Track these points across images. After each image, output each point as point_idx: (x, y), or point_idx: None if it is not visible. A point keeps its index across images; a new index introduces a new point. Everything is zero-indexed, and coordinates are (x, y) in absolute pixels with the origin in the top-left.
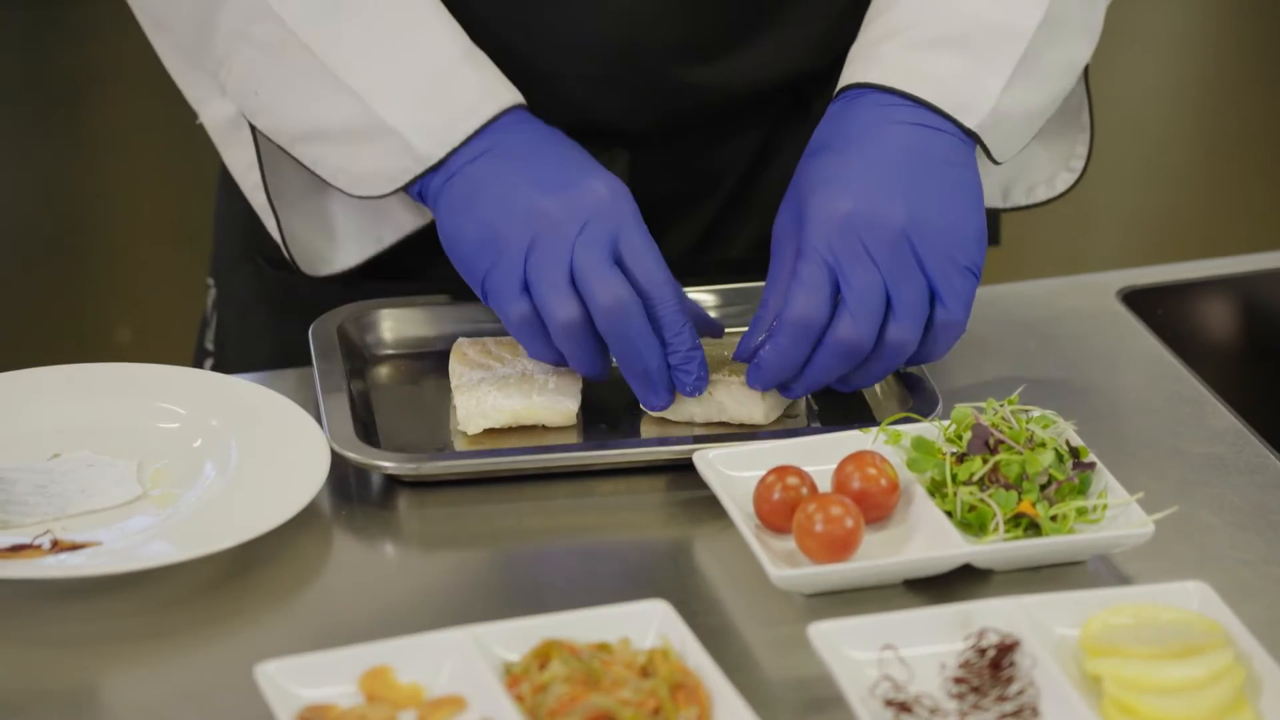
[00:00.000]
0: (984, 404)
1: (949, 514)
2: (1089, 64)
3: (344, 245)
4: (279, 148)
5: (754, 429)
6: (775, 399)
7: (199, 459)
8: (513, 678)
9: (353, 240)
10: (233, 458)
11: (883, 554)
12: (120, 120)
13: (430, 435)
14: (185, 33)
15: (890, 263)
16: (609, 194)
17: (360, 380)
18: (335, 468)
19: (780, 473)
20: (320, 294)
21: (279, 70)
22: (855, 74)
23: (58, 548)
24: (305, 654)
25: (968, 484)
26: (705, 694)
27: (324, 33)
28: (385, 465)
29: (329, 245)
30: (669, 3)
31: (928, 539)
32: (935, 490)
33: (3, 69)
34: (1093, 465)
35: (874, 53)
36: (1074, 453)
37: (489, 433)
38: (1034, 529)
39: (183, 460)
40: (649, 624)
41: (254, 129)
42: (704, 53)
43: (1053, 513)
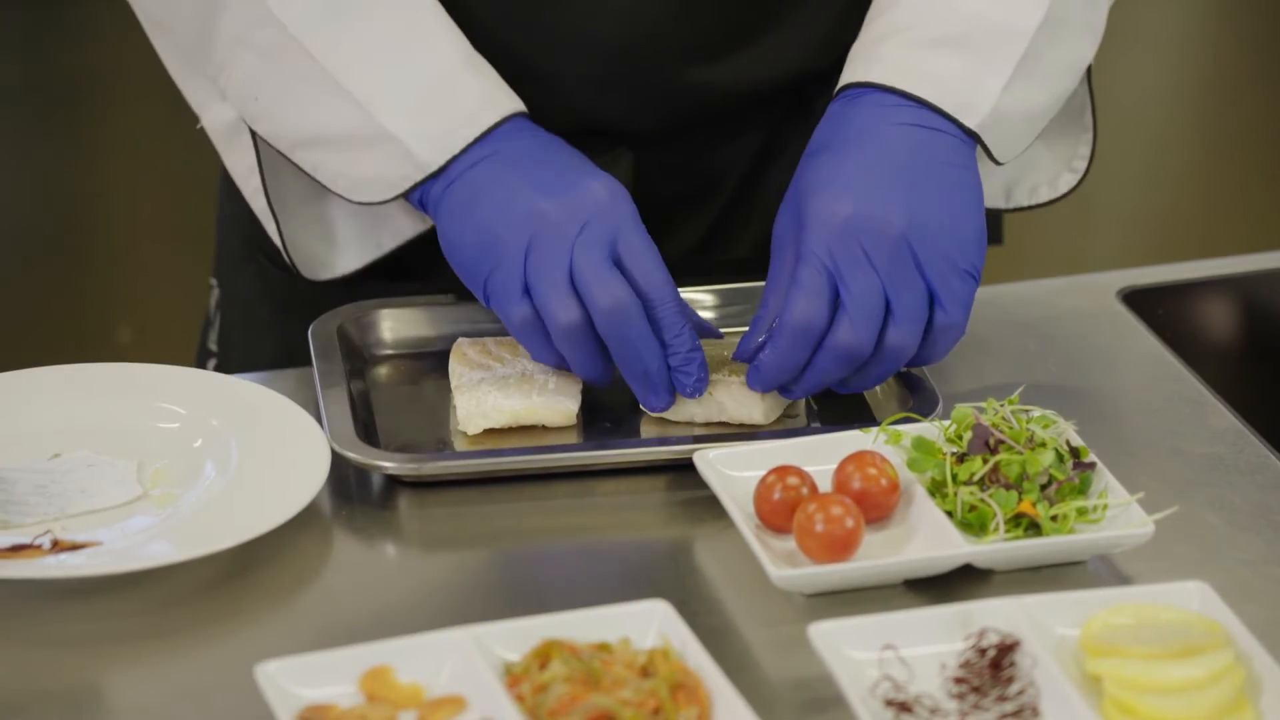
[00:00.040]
0: (984, 404)
1: (949, 514)
2: (1091, 64)
3: (344, 250)
4: (279, 153)
5: (754, 429)
6: (775, 399)
7: (199, 459)
8: (513, 678)
9: (353, 245)
10: (233, 458)
11: (883, 554)
12: (120, 121)
13: (430, 435)
14: (186, 36)
15: (889, 267)
16: (607, 195)
17: (360, 380)
18: (335, 468)
19: (780, 473)
20: (324, 294)
21: (279, 76)
22: (855, 73)
23: (58, 548)
24: (305, 654)
25: (968, 484)
26: (705, 694)
27: (325, 38)
28: (385, 465)
29: (329, 250)
30: (670, 3)
31: (928, 539)
32: (935, 490)
33: (3, 69)
34: (1093, 465)
35: (874, 52)
36: (1074, 453)
37: (489, 433)
38: (1034, 529)
39: (183, 460)
40: (649, 624)
41: (254, 134)
42: (705, 53)
43: (1053, 513)
